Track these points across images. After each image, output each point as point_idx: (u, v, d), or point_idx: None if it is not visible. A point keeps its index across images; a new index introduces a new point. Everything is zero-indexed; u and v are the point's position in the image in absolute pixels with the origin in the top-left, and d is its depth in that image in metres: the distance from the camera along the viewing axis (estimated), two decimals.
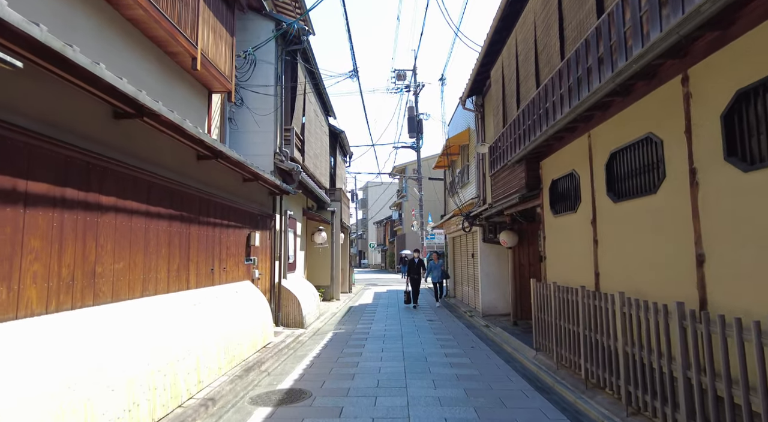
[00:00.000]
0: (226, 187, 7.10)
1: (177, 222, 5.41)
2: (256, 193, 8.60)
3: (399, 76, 30.72)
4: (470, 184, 13.12)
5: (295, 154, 10.43)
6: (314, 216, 13.39)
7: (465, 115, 13.87)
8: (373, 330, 9.91)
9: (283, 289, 9.69)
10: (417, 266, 14.45)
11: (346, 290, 18.40)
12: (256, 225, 8.43)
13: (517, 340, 8.08)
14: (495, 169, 9.33)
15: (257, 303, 7.48)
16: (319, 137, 13.58)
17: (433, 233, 29.55)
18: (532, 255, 9.82)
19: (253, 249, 8.22)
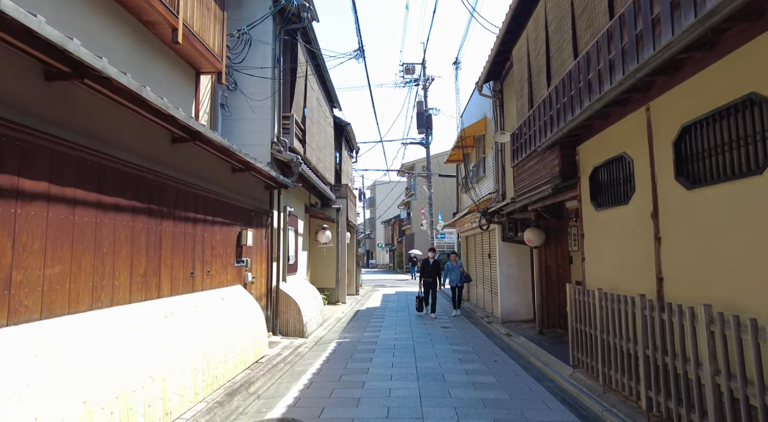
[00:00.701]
0: (212, 178, 6.14)
1: (143, 217, 4.45)
2: (250, 186, 7.63)
3: (407, 70, 29.74)
4: (487, 178, 12.07)
5: (295, 145, 9.46)
6: (318, 214, 12.42)
7: (481, 104, 12.82)
8: (381, 339, 8.91)
9: (282, 294, 8.72)
10: (432, 268, 12.31)
11: (353, 292, 17.44)
12: (249, 223, 7.47)
13: (546, 353, 7.05)
14: (518, 159, 8.30)
15: (249, 311, 6.52)
16: (322, 128, 12.61)
17: (443, 232, 28.51)
18: (560, 255, 8.77)
19: (246, 250, 7.25)
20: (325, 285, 14.28)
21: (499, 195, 10.77)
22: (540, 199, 7.38)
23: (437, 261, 12.51)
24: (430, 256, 12.63)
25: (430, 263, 12.40)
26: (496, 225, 10.83)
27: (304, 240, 11.83)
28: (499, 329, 9.80)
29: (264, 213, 8.28)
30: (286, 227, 9.50)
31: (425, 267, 12.41)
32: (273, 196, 8.74)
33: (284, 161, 8.83)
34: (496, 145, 10.96)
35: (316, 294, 10.71)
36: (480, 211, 10.72)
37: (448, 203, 34.86)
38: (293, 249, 10.27)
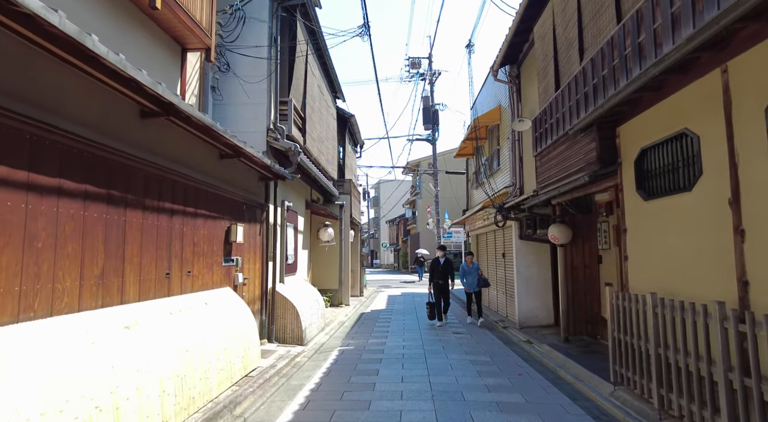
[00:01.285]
0: (195, 164, 5.31)
1: (100, 205, 3.62)
2: (241, 176, 6.80)
3: (413, 64, 28.88)
4: (501, 172, 11.20)
5: (294, 133, 8.62)
6: (319, 210, 11.59)
7: (494, 91, 11.95)
8: (388, 346, 8.05)
9: (279, 297, 7.89)
10: (443, 269, 10.54)
11: (357, 293, 16.60)
12: (241, 217, 6.63)
13: (577, 365, 6.17)
14: (542, 147, 7.44)
15: (238, 317, 5.68)
16: (324, 119, 11.77)
17: (450, 231, 27.61)
18: (588, 254, 7.88)
19: (236, 247, 6.42)
20: (327, 287, 13.45)
21: (516, 189, 9.89)
22: (570, 191, 6.50)
23: (449, 261, 10.69)
24: (439, 255, 10.79)
25: (440, 263, 10.63)
26: (512, 221, 9.95)
27: (304, 238, 11.00)
28: (517, 335, 8.93)
29: (258, 206, 7.45)
30: (284, 223, 8.67)
31: (435, 267, 10.69)
32: (269, 189, 7.90)
33: (281, 150, 7.99)
34: (513, 135, 10.09)
35: (317, 296, 9.88)
36: (495, 206, 9.84)
37: (454, 201, 33.96)
38: (292, 248, 9.43)
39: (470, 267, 10.79)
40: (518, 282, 9.78)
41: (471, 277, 10.73)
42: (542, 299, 9.70)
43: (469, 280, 10.74)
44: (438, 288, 10.54)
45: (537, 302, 9.71)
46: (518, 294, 9.77)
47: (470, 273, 10.73)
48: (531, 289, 9.74)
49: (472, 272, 10.73)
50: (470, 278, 10.74)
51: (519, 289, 9.78)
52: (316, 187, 11.76)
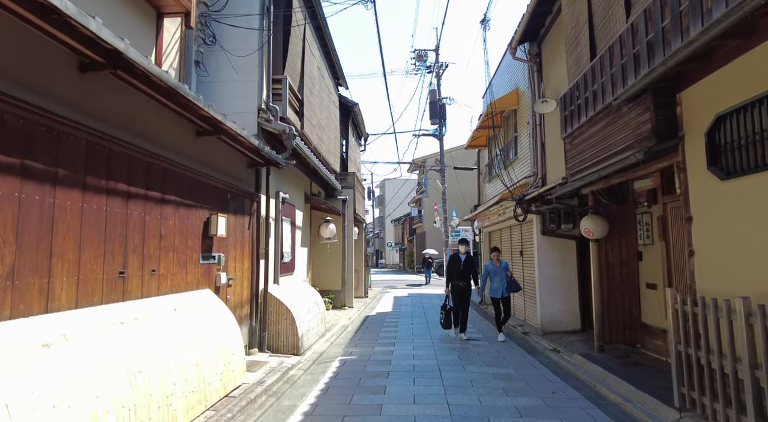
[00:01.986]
0: (163, 139, 4.37)
1: (12, 180, 2.68)
2: (226, 160, 5.85)
3: (419, 57, 27.87)
4: (520, 161, 10.20)
5: (289, 115, 7.68)
6: (320, 205, 10.64)
7: (511, 74, 10.95)
8: (396, 356, 7.08)
9: (272, 299, 6.94)
10: (464, 268, 8.45)
11: (361, 295, 15.64)
12: (224, 207, 5.69)
13: (622, 382, 5.18)
14: (573, 128, 6.45)
15: (218, 324, 4.73)
16: (325, 105, 10.82)
17: (458, 229, 26.60)
18: (625, 250, 6.87)
19: (218, 242, 5.48)
20: (329, 288, 12.50)
21: (537, 179, 8.90)
22: (613, 175, 5.49)
23: (471, 259, 8.66)
24: (461, 251, 8.58)
25: (461, 260, 8.47)
26: (533, 215, 8.95)
27: (303, 234, 10.05)
28: (540, 342, 7.93)
29: (247, 196, 6.50)
30: (278, 217, 7.72)
31: (454, 266, 8.53)
32: (260, 177, 6.95)
33: (274, 133, 7.05)
34: (534, 120, 9.10)
35: (316, 298, 8.92)
36: (515, 198, 8.85)
37: (461, 200, 32.92)
38: (288, 245, 8.49)
39: (497, 267, 8.44)
40: (540, 282, 8.78)
41: (498, 280, 8.38)
42: (567, 301, 8.71)
43: (496, 284, 8.37)
44: (458, 293, 8.41)
45: (561, 305, 8.71)
46: (540, 296, 8.78)
47: (497, 273, 8.39)
48: (554, 290, 8.75)
49: (500, 272, 8.38)
50: (497, 281, 8.38)
51: (541, 290, 8.78)
52: (316, 179, 10.80)
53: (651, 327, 6.40)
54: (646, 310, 6.56)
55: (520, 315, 10.60)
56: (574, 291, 8.74)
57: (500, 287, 8.36)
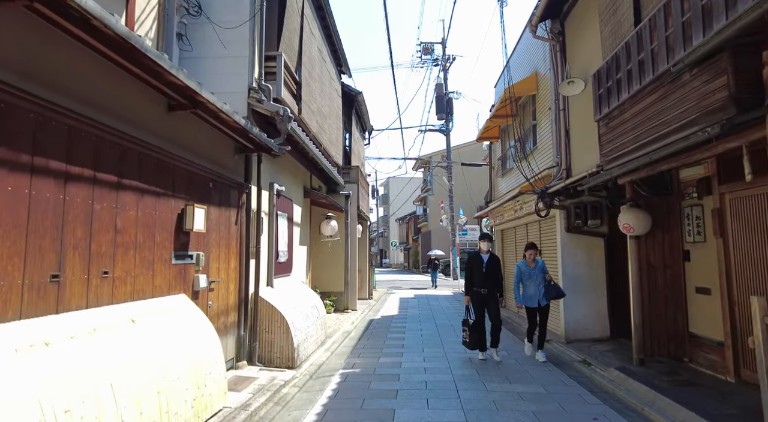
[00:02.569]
0: (121, 110, 3.53)
1: None
2: (208, 142, 5.01)
3: (425, 50, 27.05)
4: (539, 152, 9.32)
5: (284, 96, 6.83)
6: (321, 199, 9.79)
7: (529, 57, 10.07)
8: (405, 368, 6.23)
9: (264, 305, 6.10)
10: (489, 270, 6.71)
11: (365, 296, 14.80)
12: (204, 197, 4.84)
13: (680, 407, 4.30)
14: (610, 108, 5.58)
15: (191, 338, 3.89)
16: (326, 92, 9.98)
17: (465, 228, 25.75)
18: (669, 249, 5.98)
19: (195, 238, 4.64)
20: (330, 289, 11.67)
21: (561, 170, 8.02)
22: (665, 159, 4.60)
23: (497, 258, 6.97)
24: (482, 249, 6.83)
25: (483, 261, 6.70)
26: (557, 210, 8.08)
27: (302, 231, 9.21)
28: (566, 352, 7.07)
29: (234, 187, 5.66)
30: (272, 211, 6.89)
31: (475, 268, 6.75)
32: (251, 165, 6.11)
33: (266, 115, 6.21)
34: (556, 104, 8.21)
35: (316, 302, 8.08)
36: (536, 191, 7.97)
37: (468, 198, 32.00)
38: (285, 243, 7.64)
39: (531, 268, 6.78)
40: (563, 285, 7.88)
41: (534, 284, 6.70)
42: (594, 306, 7.82)
43: (531, 289, 6.72)
44: (480, 301, 6.65)
45: (587, 310, 7.83)
46: (563, 300, 7.89)
47: (532, 277, 6.74)
48: (579, 294, 7.87)
49: (535, 275, 6.72)
50: (532, 286, 6.71)
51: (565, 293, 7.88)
52: (316, 172, 9.96)
53: (702, 339, 5.51)
54: (695, 319, 5.67)
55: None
56: (602, 295, 7.86)
57: (536, 293, 6.68)
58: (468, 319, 6.71)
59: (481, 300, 6.70)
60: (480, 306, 6.69)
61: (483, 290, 6.66)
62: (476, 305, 6.71)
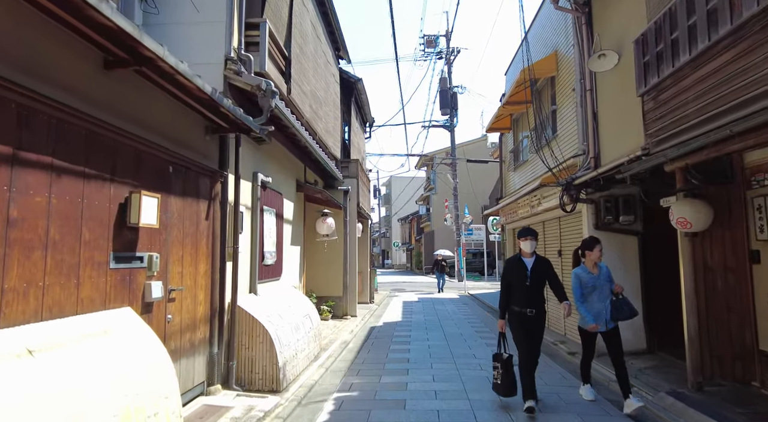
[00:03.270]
0: (23, 59, 2.55)
1: None
2: (169, 117, 4.03)
3: (429, 43, 26.06)
4: (560, 140, 8.30)
5: (270, 71, 5.85)
6: (315, 194, 8.81)
7: (548, 35, 9.07)
8: (412, 391, 5.23)
9: (242, 316, 5.11)
10: (535, 282, 4.61)
11: (366, 300, 13.81)
12: (160, 183, 3.85)
13: None
14: (661, 76, 4.59)
15: (130, 369, 2.90)
16: (321, 74, 9.00)
17: (471, 228, 24.72)
18: (731, 249, 4.94)
19: (147, 236, 3.64)
20: (328, 293, 10.69)
21: (588, 158, 7.01)
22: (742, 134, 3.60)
23: (546, 263, 4.75)
24: (524, 252, 4.71)
25: (527, 268, 4.61)
26: (585, 204, 7.08)
27: (295, 230, 8.22)
28: (596, 368, 6.04)
29: (205, 173, 4.67)
30: (257, 206, 5.91)
31: (515, 278, 4.64)
32: (226, 149, 5.11)
33: (246, 90, 5.22)
34: (582, 84, 7.21)
35: (309, 310, 7.09)
36: (561, 183, 6.96)
37: (473, 197, 30.97)
38: (272, 243, 6.66)
39: (594, 276, 4.70)
40: None
41: (598, 298, 4.66)
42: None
43: (596, 305, 4.65)
44: (525, 327, 4.54)
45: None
46: None
47: (597, 288, 4.68)
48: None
49: (600, 286, 4.68)
50: (596, 300, 4.66)
51: None
52: (311, 164, 8.98)
53: None
54: (767, 334, 4.65)
55: (558, 328, 8.72)
56: (636, 302, 6.81)
57: (601, 310, 4.60)
58: (501, 353, 4.63)
59: (527, 326, 4.51)
60: (523, 333, 4.50)
61: (528, 310, 4.46)
62: (517, 333, 4.54)
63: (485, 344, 8.07)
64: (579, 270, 4.82)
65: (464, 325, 10.21)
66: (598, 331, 4.65)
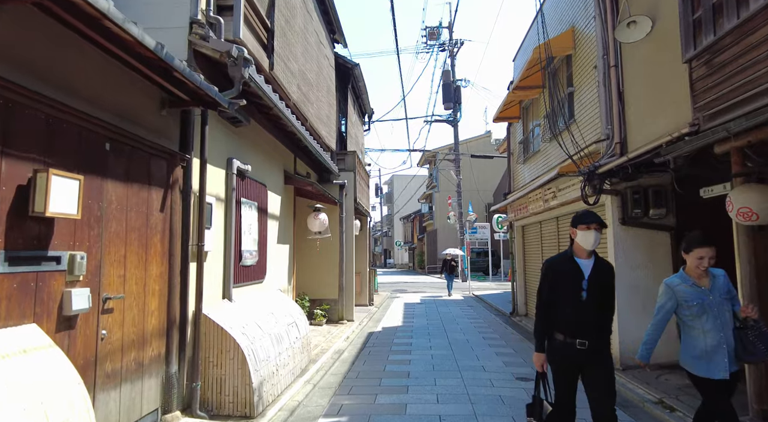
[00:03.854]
0: None
1: None
2: (94, 77, 3.19)
3: (431, 35, 25.21)
4: (578, 125, 7.43)
5: (246, 38, 5.01)
6: (305, 187, 7.97)
7: (562, 10, 8.21)
8: (413, 415, 4.40)
9: (210, 326, 4.28)
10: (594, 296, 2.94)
11: (365, 302, 12.97)
12: (87, 163, 3.01)
13: None
14: (718, 34, 3.73)
15: (22, 415, 2.07)
16: (313, 55, 8.17)
17: (475, 226, 23.85)
18: None
19: (64, 229, 2.80)
20: (323, 296, 9.89)
21: (613, 143, 6.15)
22: None
23: (610, 270, 3.13)
24: (580, 250, 3.03)
25: (584, 275, 2.97)
26: (610, 196, 6.23)
27: (283, 226, 7.39)
28: (627, 386, 5.23)
29: (159, 155, 3.84)
30: (232, 197, 5.08)
31: (563, 288, 3.01)
32: (190, 129, 4.28)
33: (216, 58, 4.39)
34: (605, 61, 6.35)
35: (296, 317, 6.26)
36: (583, 171, 6.11)
37: (477, 194, 30.09)
38: (253, 240, 5.82)
39: (700, 290, 3.02)
40: (618, 294, 6.02)
41: (713, 324, 2.95)
42: None
43: (709, 339, 2.95)
44: (573, 365, 2.99)
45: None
46: (617, 315, 6.01)
47: (707, 309, 2.97)
48: (639, 306, 6.06)
49: (713, 305, 2.97)
50: (711, 328, 2.95)
51: (618, 307, 6.02)
52: (301, 154, 8.16)
53: None
54: None
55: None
56: None
57: (721, 347, 2.92)
58: (539, 402, 3.10)
59: (573, 368, 2.99)
60: (566, 385, 2.99)
61: (579, 342, 2.89)
62: (559, 379, 3.02)
63: (494, 353, 7.23)
64: (676, 279, 3.10)
65: (470, 331, 9.37)
66: (720, 378, 2.90)
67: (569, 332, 2.93)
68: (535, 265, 10.41)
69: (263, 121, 6.11)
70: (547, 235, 9.55)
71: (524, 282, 11.27)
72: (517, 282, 11.41)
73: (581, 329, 2.91)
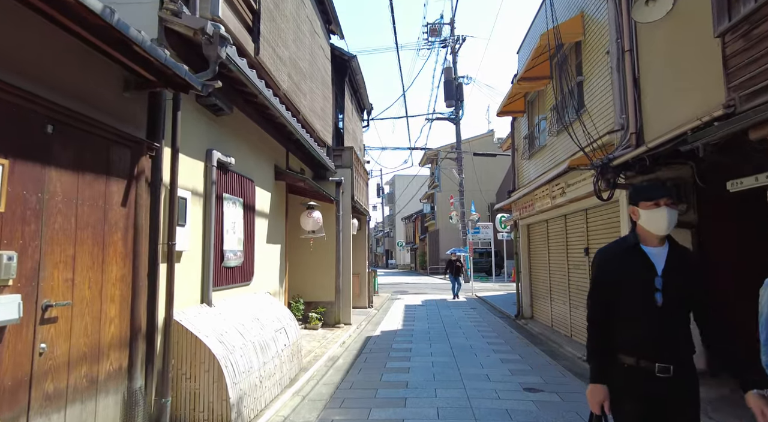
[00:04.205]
0: None
1: None
2: (46, 51, 2.74)
3: (432, 31, 24.74)
4: (589, 115, 6.95)
5: (226, 17, 4.56)
6: (297, 183, 7.51)
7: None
8: None
9: (183, 334, 3.83)
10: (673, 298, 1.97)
11: (364, 304, 12.51)
12: (23, 147, 2.55)
13: None
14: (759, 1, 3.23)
15: None
16: (306, 44, 7.71)
17: (478, 226, 23.37)
18: None
19: None
20: (318, 298, 9.43)
21: (628, 134, 5.67)
22: None
23: (696, 260, 2.19)
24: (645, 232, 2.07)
25: (656, 268, 2.01)
26: (623, 192, 5.76)
27: (273, 225, 6.94)
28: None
29: (121, 142, 3.38)
30: (212, 191, 4.62)
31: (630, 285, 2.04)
32: (160, 115, 3.82)
33: (190, 37, 3.94)
34: (618, 45, 5.88)
35: (285, 321, 5.80)
36: (595, 164, 5.63)
37: (479, 194, 29.60)
38: (237, 239, 5.36)
39: None
40: None
41: None
42: None
43: None
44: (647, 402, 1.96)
45: None
46: None
47: None
48: None
49: None
50: None
51: None
52: (294, 148, 7.70)
53: None
54: None
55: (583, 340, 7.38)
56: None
57: None
58: None
59: (657, 398, 1.97)
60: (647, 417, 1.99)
61: (663, 368, 1.95)
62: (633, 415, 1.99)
63: (499, 360, 6.76)
64: None
65: (474, 335, 8.89)
66: None
67: (642, 351, 1.99)
68: (541, 265, 9.93)
69: (249, 111, 5.67)
70: (554, 234, 9.07)
71: (530, 283, 10.78)
72: (522, 283, 10.93)
73: (659, 347, 1.98)
